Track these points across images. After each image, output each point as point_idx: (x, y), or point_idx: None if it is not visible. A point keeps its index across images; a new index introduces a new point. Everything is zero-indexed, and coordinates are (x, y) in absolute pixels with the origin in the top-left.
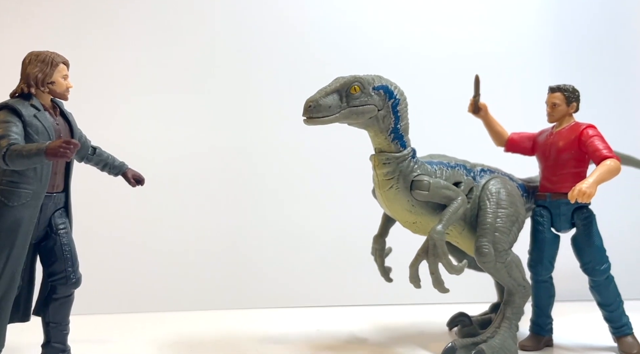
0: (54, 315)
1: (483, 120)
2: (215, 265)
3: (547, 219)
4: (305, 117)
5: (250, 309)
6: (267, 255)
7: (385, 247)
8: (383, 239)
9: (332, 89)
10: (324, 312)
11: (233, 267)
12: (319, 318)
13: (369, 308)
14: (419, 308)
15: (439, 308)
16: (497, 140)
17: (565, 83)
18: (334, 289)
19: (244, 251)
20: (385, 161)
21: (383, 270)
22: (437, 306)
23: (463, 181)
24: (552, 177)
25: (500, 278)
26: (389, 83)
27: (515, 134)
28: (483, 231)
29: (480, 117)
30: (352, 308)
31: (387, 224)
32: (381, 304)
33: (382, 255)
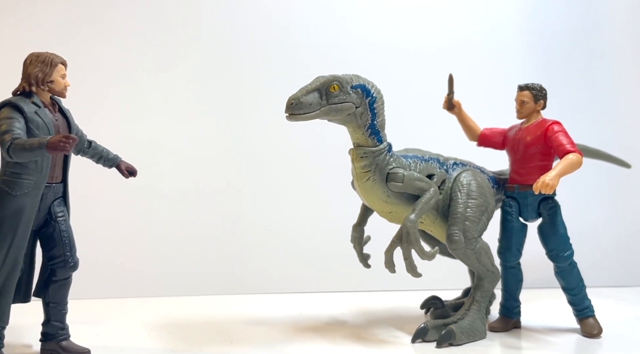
0: (54, 296)
1: (457, 116)
2: (205, 253)
3: (515, 209)
4: (287, 114)
5: (238, 295)
6: (254, 245)
7: (363, 235)
8: (361, 228)
9: (313, 88)
10: (307, 298)
11: (222, 255)
12: (302, 303)
13: (349, 294)
14: (395, 294)
15: (414, 294)
16: (470, 135)
17: (534, 82)
18: (316, 276)
19: (232, 240)
20: (363, 155)
21: (362, 256)
22: (412, 293)
23: (436, 173)
24: (520, 169)
25: (470, 264)
26: (367, 82)
27: (487, 129)
28: (454, 220)
29: (454, 114)
30: (333, 294)
31: (365, 214)
32: (361, 290)
33: (360, 243)
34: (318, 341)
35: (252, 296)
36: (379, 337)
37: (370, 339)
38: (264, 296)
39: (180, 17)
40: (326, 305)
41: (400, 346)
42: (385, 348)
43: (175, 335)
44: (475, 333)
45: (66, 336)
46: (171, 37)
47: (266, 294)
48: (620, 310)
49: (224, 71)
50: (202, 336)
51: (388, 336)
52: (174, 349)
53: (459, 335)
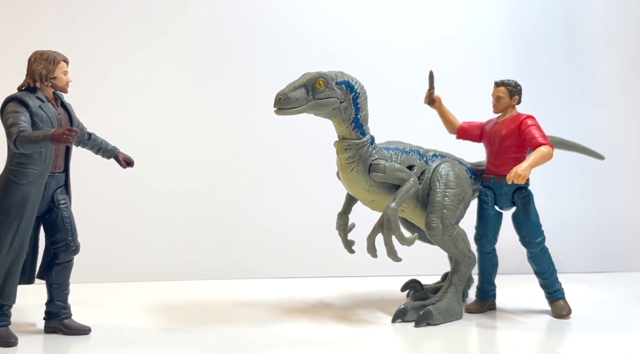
0: (56, 278)
1: (437, 110)
2: (199, 240)
3: (491, 198)
4: (275, 108)
5: (230, 279)
6: (246, 232)
7: (348, 223)
8: (346, 215)
9: (300, 84)
10: (295, 282)
11: (215, 242)
12: (291, 288)
13: (335, 279)
14: (378, 279)
15: (395, 279)
16: (450, 128)
17: (509, 79)
18: (304, 262)
19: (225, 228)
20: (347, 147)
21: (346, 242)
22: (394, 278)
23: (416, 164)
24: (496, 161)
25: (448, 249)
26: (351, 79)
27: (466, 123)
28: (432, 208)
29: (435, 108)
30: (320, 279)
31: (349, 202)
32: (346, 275)
33: (345, 230)
34: (305, 322)
35: (243, 280)
36: (362, 318)
37: (354, 320)
38: (254, 280)
39: (179, 13)
40: (313, 289)
41: (382, 326)
42: (367, 327)
43: (169, 316)
44: (452, 313)
45: (68, 315)
46: (169, 32)
47: (257, 279)
48: (591, 294)
49: (219, 67)
50: (194, 317)
51: (370, 317)
52: (168, 328)
53: (436, 316)
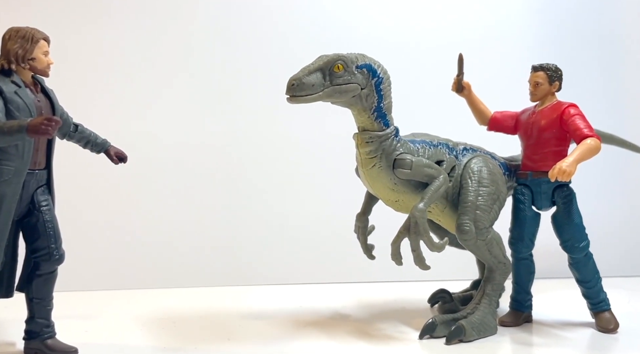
0: (38, 291)
1: (466, 98)
2: (199, 243)
3: (528, 197)
4: (288, 96)
5: (234, 286)
6: (250, 233)
7: (367, 225)
8: (366, 217)
9: (316, 67)
10: (306, 289)
11: (217, 245)
12: (301, 295)
13: (350, 285)
14: (400, 285)
15: (420, 285)
16: (480, 119)
17: (548, 63)
18: (316, 266)
19: (228, 229)
20: (368, 139)
21: (366, 247)
22: (418, 284)
23: (445, 159)
24: (534, 155)
25: (481, 255)
26: (373, 62)
27: (498, 113)
28: (464, 209)
29: (464, 96)
30: (333, 285)
31: (369, 202)
32: (362, 281)
33: (364, 233)
34: (320, 338)
35: (249, 287)
36: (385, 332)
37: (375, 335)
38: (261, 287)
39: (177, 7)
40: (326, 297)
41: (408, 343)
42: (391, 345)
43: (169, 331)
44: (486, 328)
45: (51, 334)
46: (168, 24)
47: (263, 285)
48: (634, 303)
49: (220, 63)
50: (196, 332)
51: (394, 331)
52: (167, 347)
53: (469, 331)
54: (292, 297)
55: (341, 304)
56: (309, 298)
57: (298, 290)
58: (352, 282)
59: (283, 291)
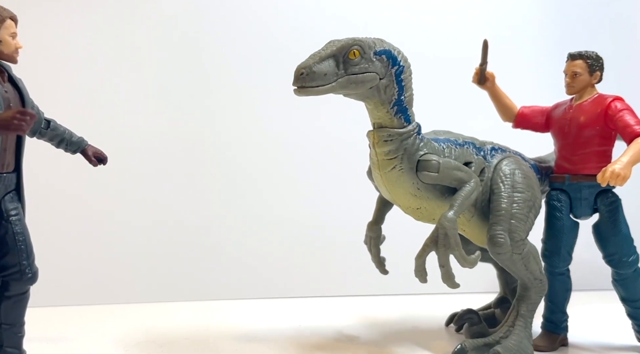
0: (7, 315)
1: (489, 91)
2: (182, 253)
3: (565, 204)
4: (296, 87)
5: (224, 300)
6: (238, 242)
7: (380, 235)
8: (378, 226)
9: (328, 54)
10: (305, 304)
11: (202, 255)
12: (300, 311)
13: (355, 299)
14: (408, 298)
15: (431, 298)
16: (505, 115)
17: (588, 50)
18: (316, 278)
19: (214, 237)
20: (387, 138)
21: (378, 260)
22: (429, 297)
23: (473, 161)
24: (572, 156)
25: (516, 270)
26: (392, 48)
27: (526, 108)
28: (497, 219)
29: (486, 88)
30: (336, 299)
31: (382, 209)
32: (368, 294)
33: (377, 244)
34: None
35: (241, 302)
36: None
37: None
38: (254, 302)
39: None
40: (329, 313)
41: None
42: None
43: None
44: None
45: None
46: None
47: (256, 299)
48: None
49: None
50: None
51: None
52: None
53: None
54: (288, 313)
55: (345, 322)
56: (308, 315)
57: (295, 304)
58: (356, 295)
59: (278, 306)
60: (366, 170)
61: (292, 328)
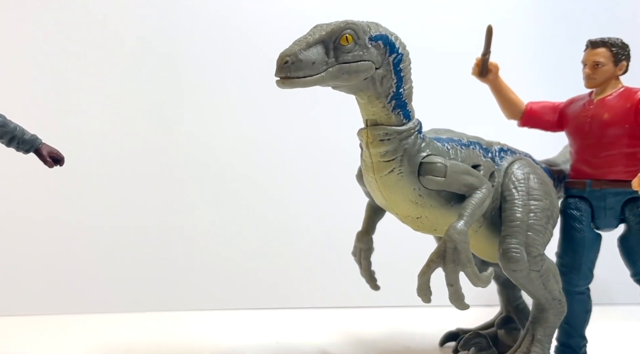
0: None
1: (491, 85)
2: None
3: (586, 214)
4: (279, 77)
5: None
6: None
7: (372, 246)
8: (369, 237)
9: (316, 39)
10: (286, 316)
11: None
12: (281, 324)
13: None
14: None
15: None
16: (510, 111)
17: (611, 37)
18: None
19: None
20: (384, 137)
21: (369, 274)
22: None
23: (482, 163)
24: (594, 159)
25: (533, 290)
26: (389, 34)
27: (535, 104)
28: (511, 230)
29: (488, 82)
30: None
31: (373, 218)
32: (352, 306)
33: (368, 257)
34: None
35: (213, 313)
36: None
37: None
38: (227, 313)
39: None
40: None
41: None
42: None
43: None
44: None
45: None
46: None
47: (228, 310)
48: None
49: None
50: None
51: None
52: None
53: None
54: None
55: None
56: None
57: (275, 316)
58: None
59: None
60: (355, 173)
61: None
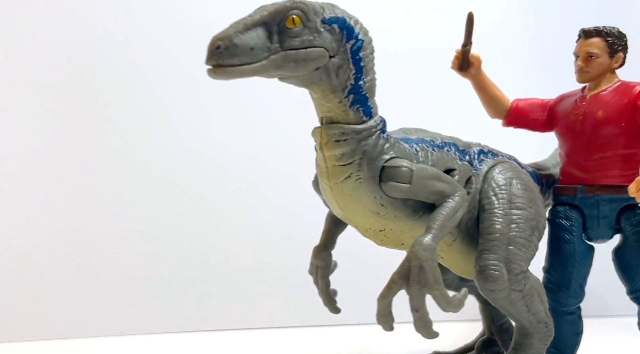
0: None
1: (473, 80)
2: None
3: (576, 223)
4: (211, 65)
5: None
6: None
7: (331, 263)
8: (328, 253)
9: (256, 20)
10: (239, 337)
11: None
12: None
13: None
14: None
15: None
16: (494, 109)
17: (607, 26)
18: (252, 308)
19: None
20: (340, 137)
21: (327, 295)
22: None
23: (457, 167)
24: (586, 161)
25: (515, 312)
26: (348, 17)
27: (521, 101)
28: (490, 244)
29: (469, 77)
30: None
31: (333, 230)
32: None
33: (325, 275)
34: None
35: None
36: None
37: None
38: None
39: None
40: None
41: None
42: None
43: None
44: None
45: None
46: None
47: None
48: None
49: None
50: None
51: None
52: None
53: None
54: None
55: None
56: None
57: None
58: (300, 327)
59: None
60: (312, 179)
61: None
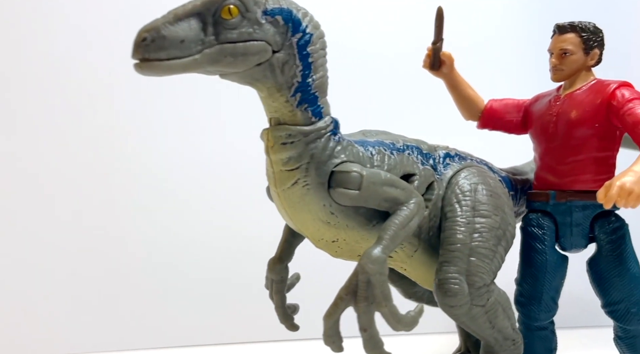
0: None
1: (446, 80)
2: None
3: (549, 232)
4: (137, 59)
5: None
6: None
7: (287, 277)
8: (284, 265)
9: (188, 10)
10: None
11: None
12: None
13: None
14: None
15: None
16: (467, 110)
17: (582, 21)
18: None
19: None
20: (286, 139)
21: (283, 312)
22: None
23: (417, 172)
24: (559, 165)
25: (478, 329)
26: (295, 8)
27: (496, 101)
28: (449, 256)
29: (442, 76)
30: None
31: (290, 241)
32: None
33: (281, 290)
34: None
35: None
36: None
37: None
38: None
39: None
40: None
41: None
42: None
43: None
44: None
45: None
46: None
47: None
48: None
49: None
50: None
51: None
52: None
53: None
54: None
55: None
56: None
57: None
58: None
59: None
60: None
61: None
